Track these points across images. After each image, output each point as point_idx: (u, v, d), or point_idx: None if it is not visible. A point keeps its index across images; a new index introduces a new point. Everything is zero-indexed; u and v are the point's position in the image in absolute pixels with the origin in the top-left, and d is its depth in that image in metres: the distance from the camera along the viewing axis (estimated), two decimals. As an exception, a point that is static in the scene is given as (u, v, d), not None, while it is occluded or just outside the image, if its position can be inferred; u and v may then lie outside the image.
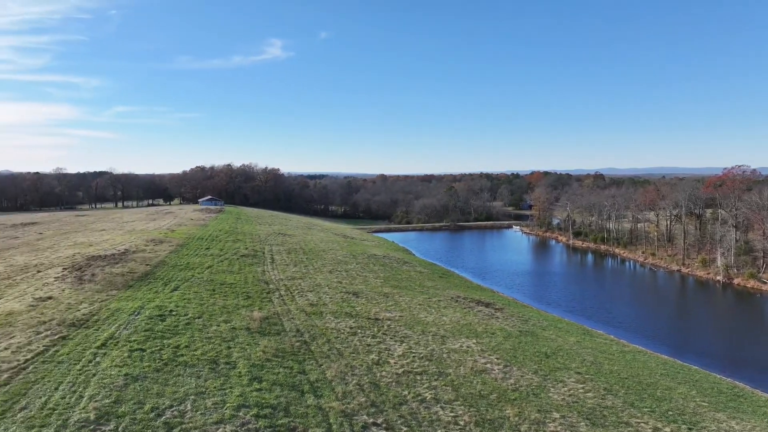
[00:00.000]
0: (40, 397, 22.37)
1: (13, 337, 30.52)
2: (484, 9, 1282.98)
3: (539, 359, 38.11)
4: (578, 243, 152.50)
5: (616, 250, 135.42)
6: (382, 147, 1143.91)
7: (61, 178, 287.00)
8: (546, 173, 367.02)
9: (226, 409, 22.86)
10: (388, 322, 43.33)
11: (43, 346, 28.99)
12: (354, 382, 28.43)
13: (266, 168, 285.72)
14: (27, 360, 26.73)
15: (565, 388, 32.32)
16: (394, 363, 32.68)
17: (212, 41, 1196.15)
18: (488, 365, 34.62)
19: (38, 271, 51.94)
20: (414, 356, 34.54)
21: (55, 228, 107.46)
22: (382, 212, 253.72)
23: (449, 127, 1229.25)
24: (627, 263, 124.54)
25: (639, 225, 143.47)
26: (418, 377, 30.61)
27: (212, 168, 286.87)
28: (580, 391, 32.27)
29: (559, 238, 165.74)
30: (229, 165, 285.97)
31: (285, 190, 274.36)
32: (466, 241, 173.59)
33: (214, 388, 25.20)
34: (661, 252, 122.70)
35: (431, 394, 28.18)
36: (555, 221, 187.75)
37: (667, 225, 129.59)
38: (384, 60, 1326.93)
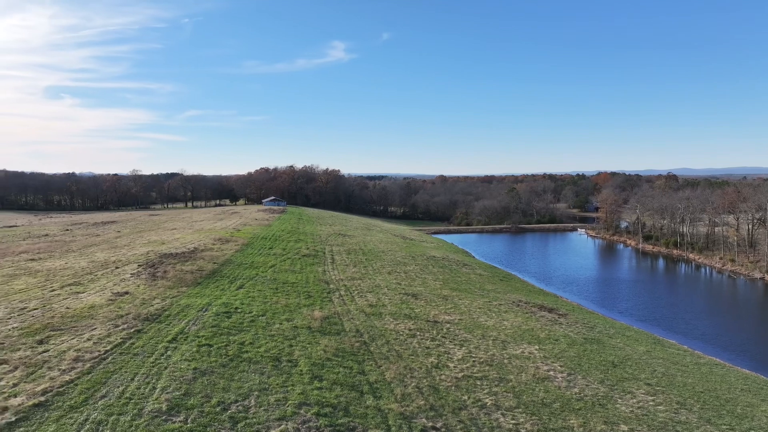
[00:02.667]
0: (118, 387, 23.75)
1: (95, 329, 32.61)
2: (548, 8, 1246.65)
3: (606, 368, 36.54)
4: (648, 247, 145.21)
5: (690, 256, 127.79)
6: (442, 148, 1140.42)
7: (137, 179, 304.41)
8: (614, 174, 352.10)
9: (288, 407, 23.38)
10: (448, 325, 42.92)
11: (121, 338, 30.78)
12: (413, 384, 28.34)
13: (327, 169, 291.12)
14: (107, 351, 28.48)
15: (634, 400, 30.79)
16: (454, 367, 32.31)
17: (278, 46, 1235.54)
18: (551, 372, 33.55)
19: (116, 267, 55.26)
20: (474, 361, 34.02)
21: (132, 226, 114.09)
22: (441, 213, 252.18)
23: (511, 127, 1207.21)
24: (702, 269, 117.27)
25: (716, 229, 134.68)
26: (478, 382, 30.10)
27: (276, 169, 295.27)
28: (651, 403, 30.63)
29: (628, 241, 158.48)
30: (291, 166, 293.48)
31: (345, 191, 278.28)
32: (528, 243, 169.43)
33: (277, 385, 25.84)
34: (741, 258, 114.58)
35: (491, 400, 27.63)
36: (623, 224, 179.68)
37: (748, 229, 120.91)
38: (444, 60, 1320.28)
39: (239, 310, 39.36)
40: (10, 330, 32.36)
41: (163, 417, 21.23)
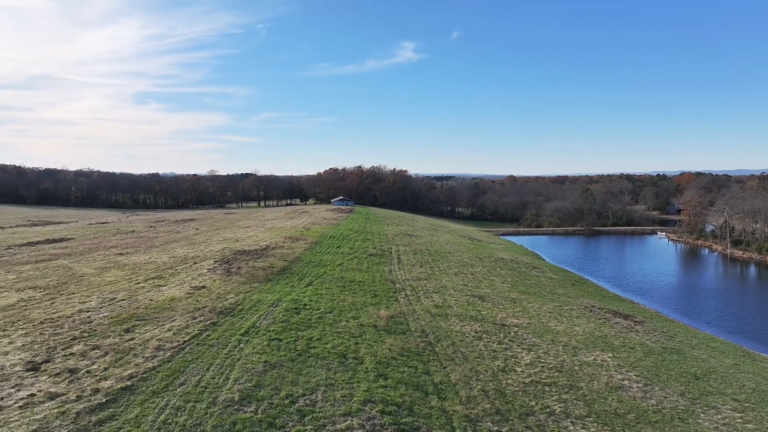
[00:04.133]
0: (195, 376, 25.09)
1: (175, 320, 34.63)
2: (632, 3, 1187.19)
3: (687, 380, 34.32)
4: (738, 253, 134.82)
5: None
6: (511, 147, 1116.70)
7: (214, 179, 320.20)
8: (698, 174, 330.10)
9: (353, 403, 23.75)
10: (515, 328, 41.95)
11: (198, 330, 32.48)
12: (478, 387, 27.94)
13: (394, 169, 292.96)
14: (185, 341, 30.15)
15: (719, 416, 28.72)
16: (521, 371, 31.54)
17: (348, 48, 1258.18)
18: (625, 382, 31.97)
19: (195, 263, 58.33)
20: (542, 366, 33.04)
21: (209, 224, 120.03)
22: (510, 215, 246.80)
23: (586, 126, 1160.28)
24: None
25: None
26: (547, 388, 29.20)
27: (344, 170, 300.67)
28: (738, 420, 28.45)
29: (714, 246, 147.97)
30: (359, 167, 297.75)
31: (412, 192, 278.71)
32: (603, 247, 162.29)
33: (343, 381, 26.30)
34: None
35: (561, 407, 26.72)
36: (708, 228, 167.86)
37: None
38: (515, 57, 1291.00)
39: (308, 307, 40.41)
40: (101, 318, 35.02)
41: (236, 406, 22.20)
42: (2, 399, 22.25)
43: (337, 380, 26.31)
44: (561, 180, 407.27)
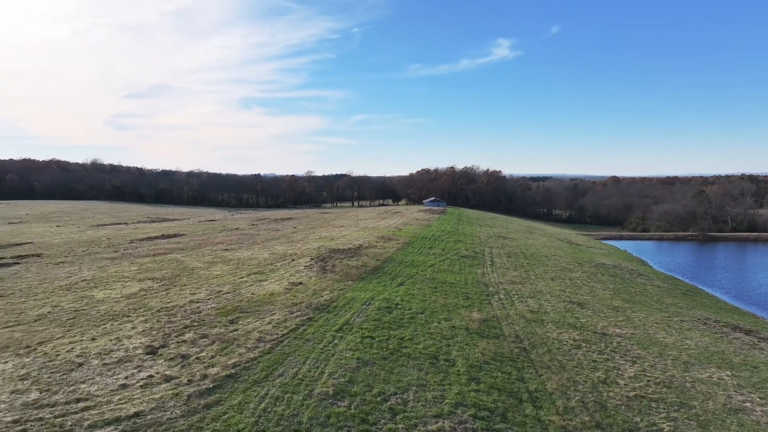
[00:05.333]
0: (293, 368, 26.19)
1: (274, 314, 36.38)
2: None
3: (823, 408, 30.31)
4: None
5: None
6: (614, 146, 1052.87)
7: (311, 179, 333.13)
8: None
9: (444, 405, 23.55)
10: (618, 338, 39.43)
11: (295, 324, 33.88)
12: (577, 398, 26.57)
13: (488, 170, 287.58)
14: (283, 335, 31.58)
15: None
16: (624, 384, 29.56)
17: (442, 48, 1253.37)
18: (747, 404, 28.88)
19: (292, 260, 60.95)
20: (648, 380, 30.75)
21: (305, 223, 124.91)
22: (612, 218, 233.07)
23: (700, 123, 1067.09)
24: None
25: None
26: (653, 404, 27.13)
27: (436, 170, 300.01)
28: None
29: None
30: (452, 167, 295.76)
31: (506, 193, 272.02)
32: (719, 254, 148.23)
33: (434, 382, 26.17)
34: None
35: (670, 426, 24.69)
36: None
37: None
38: (619, 51, 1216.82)
39: (399, 306, 40.71)
40: (209, 309, 37.64)
41: (330, 400, 22.85)
42: (127, 378, 24.64)
43: (428, 381, 26.24)
44: (670, 181, 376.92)
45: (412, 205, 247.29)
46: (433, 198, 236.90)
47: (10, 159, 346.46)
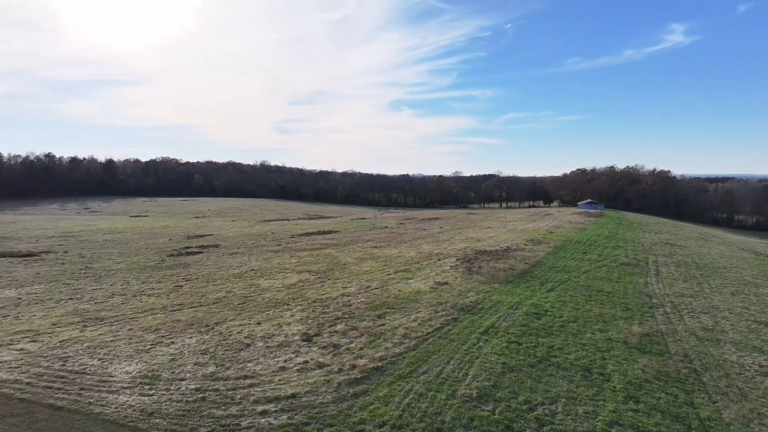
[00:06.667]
0: (436, 367, 26.35)
1: (419, 311, 36.98)
2: None
3: None
4: None
5: None
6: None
7: (458, 180, 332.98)
8: None
9: (597, 422, 21.85)
10: (820, 369, 33.08)
11: (440, 323, 34.07)
12: (762, 434, 22.85)
13: (654, 170, 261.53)
14: (428, 333, 31.94)
15: None
16: (828, 425, 24.69)
17: (602, 38, 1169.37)
18: None
19: (438, 260, 61.39)
20: None
21: (452, 223, 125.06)
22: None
23: None
24: None
25: None
26: None
27: (593, 170, 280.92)
28: None
29: None
30: (611, 167, 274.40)
31: (676, 195, 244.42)
32: None
33: (587, 396, 24.43)
34: None
35: None
36: None
37: None
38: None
39: (549, 313, 38.78)
40: (359, 303, 39.52)
41: (473, 403, 22.54)
42: (285, 362, 26.89)
43: (579, 394, 24.57)
44: None
45: (565, 207, 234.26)
46: (589, 200, 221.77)
47: (197, 161, 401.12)
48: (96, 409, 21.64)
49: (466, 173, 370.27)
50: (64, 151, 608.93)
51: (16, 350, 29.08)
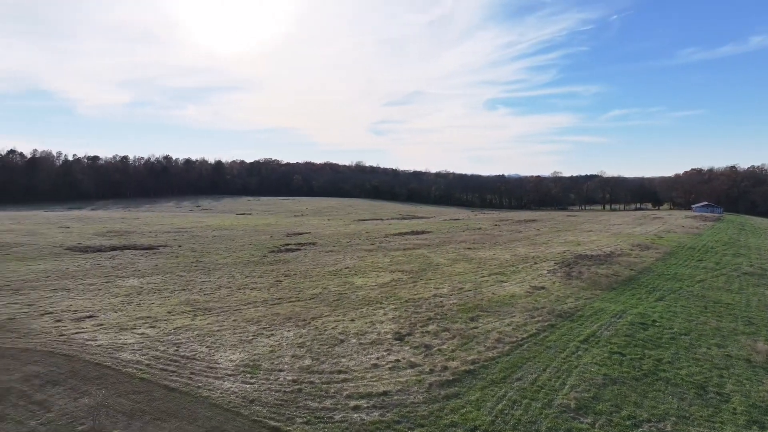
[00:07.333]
0: (531, 374, 25.39)
1: (514, 316, 35.89)
2: None
3: None
4: None
5: None
6: None
7: (557, 180, 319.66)
8: None
9: (714, 446, 19.89)
10: None
11: (535, 329, 32.81)
12: None
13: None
14: (523, 338, 30.89)
15: None
16: None
17: (724, 24, 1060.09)
18: None
19: (534, 263, 59.26)
20: None
21: (550, 226, 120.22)
22: None
23: None
24: None
25: None
26: None
27: (710, 170, 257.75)
28: None
29: None
30: (732, 167, 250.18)
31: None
32: None
33: (701, 417, 22.33)
34: None
35: None
36: None
37: None
38: None
39: (657, 324, 35.98)
40: (451, 304, 39.15)
41: (571, 414, 21.44)
42: (378, 359, 27.27)
43: (692, 414, 22.51)
44: None
45: (677, 210, 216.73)
46: (705, 203, 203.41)
47: (297, 162, 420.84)
48: (204, 393, 23.26)
49: (566, 173, 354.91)
50: (179, 153, 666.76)
51: (138, 334, 32.07)
